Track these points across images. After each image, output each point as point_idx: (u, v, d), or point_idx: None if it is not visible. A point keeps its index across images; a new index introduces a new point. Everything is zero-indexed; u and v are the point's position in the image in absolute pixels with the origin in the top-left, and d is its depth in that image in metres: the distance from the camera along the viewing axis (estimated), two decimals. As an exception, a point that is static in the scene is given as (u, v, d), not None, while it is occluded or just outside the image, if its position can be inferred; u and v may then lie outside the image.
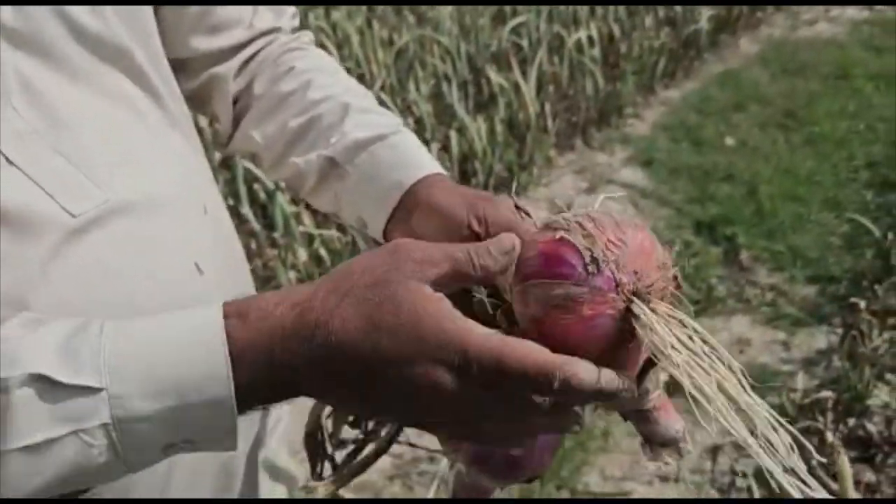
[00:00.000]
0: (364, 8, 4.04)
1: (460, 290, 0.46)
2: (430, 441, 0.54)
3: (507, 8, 4.72)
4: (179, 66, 0.67)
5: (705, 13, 4.53)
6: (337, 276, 0.43)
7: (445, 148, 3.04)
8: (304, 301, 0.41)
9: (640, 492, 1.85)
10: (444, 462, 1.95)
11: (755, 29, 5.41)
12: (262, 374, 0.41)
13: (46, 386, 0.39)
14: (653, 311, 0.41)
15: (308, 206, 2.68)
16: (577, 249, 0.42)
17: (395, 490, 1.86)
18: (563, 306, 0.42)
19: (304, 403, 0.51)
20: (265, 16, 0.71)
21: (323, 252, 2.50)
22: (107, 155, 0.52)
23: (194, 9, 0.66)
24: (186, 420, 0.41)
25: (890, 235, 2.37)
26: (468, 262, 0.43)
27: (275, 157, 0.69)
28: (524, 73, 3.44)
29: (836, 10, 5.72)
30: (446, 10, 4.60)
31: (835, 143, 3.49)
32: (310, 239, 2.52)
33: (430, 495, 1.85)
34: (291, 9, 0.74)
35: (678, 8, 4.56)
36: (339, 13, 3.83)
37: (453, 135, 3.01)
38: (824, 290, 2.54)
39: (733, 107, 3.98)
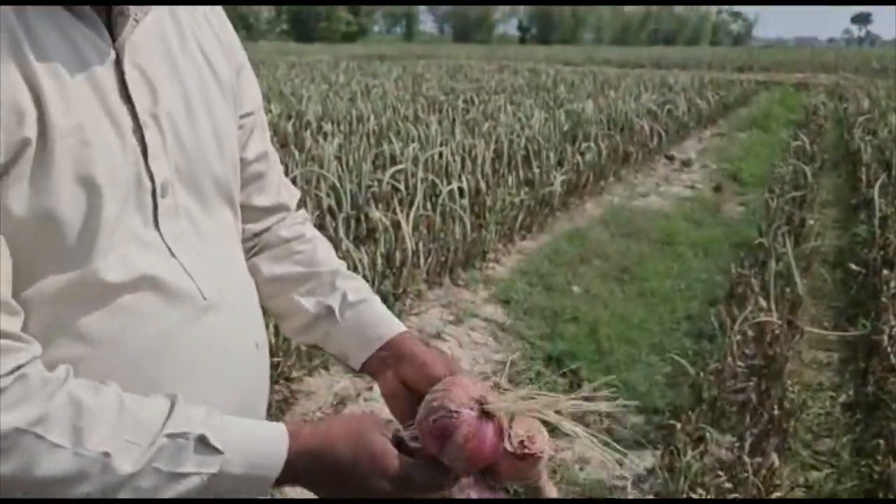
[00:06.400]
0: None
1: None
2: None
3: (388, 154, 5.21)
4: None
5: (559, 178, 5.21)
6: (338, 432, 0.74)
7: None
8: (322, 440, 0.73)
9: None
10: None
11: (599, 195, 6.22)
12: (294, 473, 0.71)
13: (200, 444, 0.66)
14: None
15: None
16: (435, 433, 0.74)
17: None
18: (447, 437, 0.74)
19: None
20: (289, 192, 1.00)
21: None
22: (220, 259, 0.80)
23: (254, 173, 0.93)
24: (246, 482, 0.69)
25: (702, 375, 2.85)
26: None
27: (275, 291, 0.95)
28: (401, 214, 3.84)
29: (664, 187, 6.68)
30: (330, 149, 5.02)
31: (661, 297, 4.09)
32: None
33: None
34: (297, 191, 1.03)
35: (536, 171, 5.23)
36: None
37: (338, 262, 3.30)
38: (651, 419, 2.97)
39: (579, 260, 4.57)
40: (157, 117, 0.73)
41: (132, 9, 0.72)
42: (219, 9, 0.88)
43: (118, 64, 0.71)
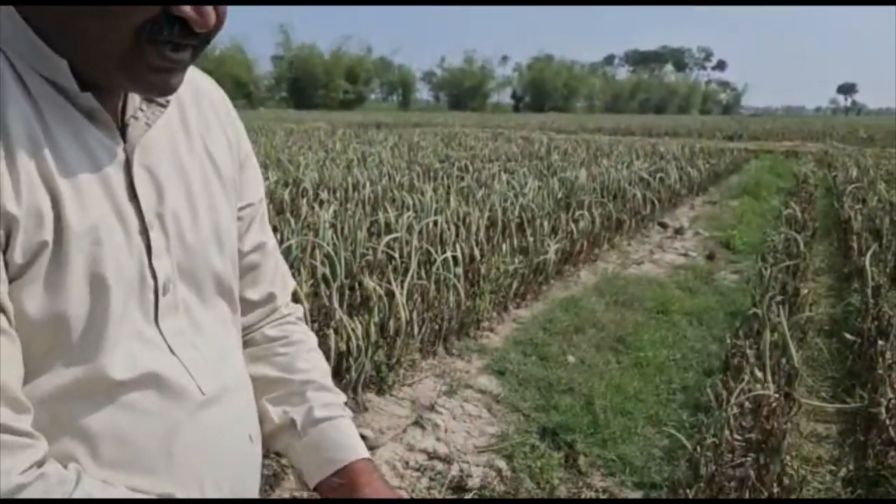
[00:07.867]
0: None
1: None
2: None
3: (382, 222, 5.24)
4: None
5: (553, 246, 5.23)
6: None
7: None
8: None
9: None
10: None
11: (593, 263, 6.24)
12: None
13: None
14: None
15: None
16: None
17: None
18: None
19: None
20: (283, 284, 0.99)
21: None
22: (217, 353, 0.81)
23: (249, 264, 0.93)
24: None
25: (699, 450, 2.81)
26: None
27: None
28: (395, 282, 3.83)
29: (658, 255, 6.70)
30: (326, 217, 5.05)
31: (657, 367, 4.06)
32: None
33: None
34: (292, 283, 1.03)
35: (530, 239, 5.25)
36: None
37: (332, 334, 3.28)
38: (648, 494, 2.91)
39: (574, 329, 4.55)
40: (162, 217, 0.75)
41: (145, 113, 0.75)
42: (227, 102, 0.91)
43: (128, 164, 0.73)
